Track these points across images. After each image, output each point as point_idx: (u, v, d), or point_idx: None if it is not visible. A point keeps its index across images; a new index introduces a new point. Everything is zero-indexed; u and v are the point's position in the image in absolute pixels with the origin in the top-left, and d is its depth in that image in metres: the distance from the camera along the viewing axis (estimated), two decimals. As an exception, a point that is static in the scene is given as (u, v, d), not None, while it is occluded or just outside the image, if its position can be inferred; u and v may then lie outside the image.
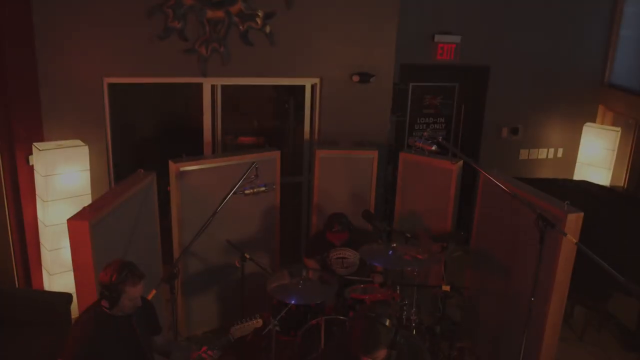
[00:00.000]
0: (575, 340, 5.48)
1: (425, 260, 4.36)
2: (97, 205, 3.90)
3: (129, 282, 2.97)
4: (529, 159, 7.42)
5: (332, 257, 4.99)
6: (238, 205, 5.10)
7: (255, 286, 5.06)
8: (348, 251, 4.97)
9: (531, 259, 4.24)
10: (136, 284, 3.00)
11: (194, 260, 5.11)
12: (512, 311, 4.64)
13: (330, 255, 5.00)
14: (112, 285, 2.95)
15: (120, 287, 2.95)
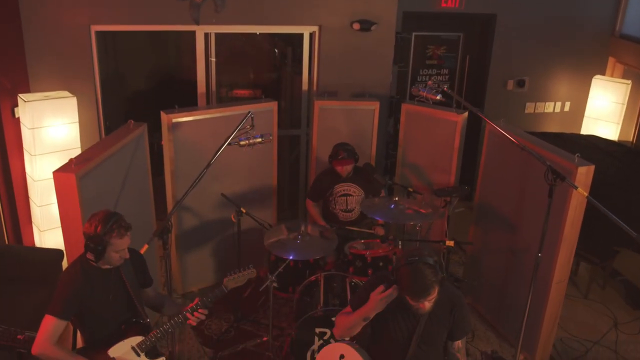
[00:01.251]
0: (579, 297, 5.36)
1: (428, 215, 4.19)
2: (85, 157, 3.70)
3: (115, 233, 2.81)
4: (534, 113, 7.20)
5: (337, 194, 4.82)
6: (234, 158, 4.94)
7: (252, 242, 4.94)
8: (353, 187, 4.80)
9: (538, 214, 4.11)
10: (123, 236, 2.84)
11: (189, 216, 4.95)
12: (517, 267, 4.51)
13: (335, 191, 4.83)
14: (97, 237, 2.78)
15: (106, 239, 2.79)
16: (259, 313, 4.92)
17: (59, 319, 2.81)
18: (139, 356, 2.99)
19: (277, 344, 4.42)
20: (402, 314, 2.68)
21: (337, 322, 2.90)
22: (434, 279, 2.49)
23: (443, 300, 2.67)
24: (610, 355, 4.59)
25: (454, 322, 2.73)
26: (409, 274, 2.49)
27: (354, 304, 2.82)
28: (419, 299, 2.49)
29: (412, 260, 2.51)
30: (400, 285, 2.52)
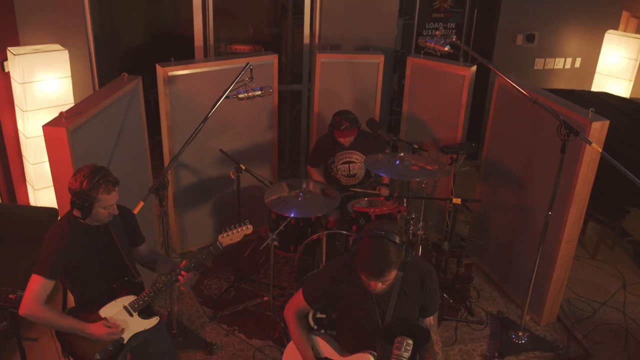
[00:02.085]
0: (587, 258, 5.25)
1: (435, 171, 4.03)
2: (76, 110, 3.53)
3: (102, 189, 2.65)
4: (544, 69, 6.96)
5: (339, 162, 4.65)
6: (233, 113, 4.77)
7: (252, 200, 4.81)
8: (355, 154, 4.63)
9: (549, 171, 3.99)
10: (110, 192, 2.68)
11: (187, 173, 4.81)
12: (525, 226, 4.38)
13: (336, 159, 4.66)
14: (83, 193, 2.63)
15: (93, 194, 2.64)
16: (260, 273, 4.82)
17: (47, 278, 2.68)
18: (131, 316, 2.89)
19: (278, 304, 4.33)
20: (369, 296, 2.46)
21: (286, 316, 2.70)
22: (394, 260, 2.26)
23: (413, 277, 2.49)
24: (618, 316, 4.50)
25: (425, 298, 2.53)
26: (369, 247, 2.26)
27: (308, 293, 2.60)
28: (372, 277, 2.27)
29: (378, 234, 2.28)
30: (357, 258, 2.29)
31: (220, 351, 4.02)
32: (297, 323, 2.63)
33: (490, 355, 4.04)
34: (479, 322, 4.36)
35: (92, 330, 2.76)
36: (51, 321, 2.71)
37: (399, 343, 2.22)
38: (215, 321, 4.28)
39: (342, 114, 4.49)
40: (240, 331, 4.19)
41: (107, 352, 2.85)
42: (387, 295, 2.46)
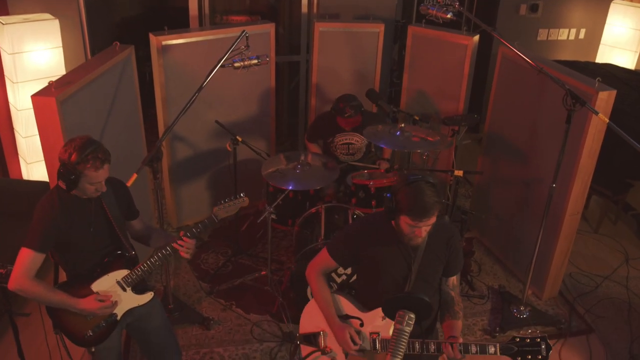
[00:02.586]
0: (590, 232, 5.18)
1: (436, 143, 3.92)
2: (66, 80, 3.42)
3: (90, 164, 2.53)
4: (548, 40, 6.81)
5: (338, 142, 4.55)
6: (229, 84, 4.66)
7: (249, 172, 4.72)
8: (356, 136, 4.53)
9: (553, 143, 3.91)
10: (98, 169, 2.56)
11: (182, 146, 4.71)
12: (527, 199, 4.30)
13: (336, 139, 4.55)
14: (69, 166, 2.52)
15: (80, 169, 2.52)
16: (257, 247, 4.75)
17: (36, 251, 2.58)
18: (124, 291, 2.80)
19: (276, 278, 4.26)
20: (396, 252, 2.46)
21: (308, 275, 2.67)
22: (436, 199, 2.27)
23: (438, 234, 2.47)
24: (620, 291, 4.45)
25: (449, 257, 2.54)
26: (411, 192, 2.27)
27: (333, 249, 2.59)
28: (420, 219, 2.25)
29: (415, 179, 2.30)
30: (401, 205, 2.28)
31: (217, 326, 3.97)
32: (320, 281, 2.62)
33: (491, 330, 3.99)
34: (480, 296, 4.31)
35: (83, 305, 2.68)
36: (41, 296, 2.62)
37: (401, 317, 2.15)
38: (212, 296, 4.22)
39: (347, 101, 4.35)
40: (237, 306, 4.14)
41: (100, 329, 2.77)
42: (413, 251, 2.44)
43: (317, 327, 2.63)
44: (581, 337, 3.97)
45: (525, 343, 2.22)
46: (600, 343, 3.93)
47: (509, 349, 2.23)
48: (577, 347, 3.89)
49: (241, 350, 3.78)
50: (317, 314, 2.62)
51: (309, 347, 2.66)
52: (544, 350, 2.21)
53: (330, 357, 2.60)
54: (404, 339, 2.11)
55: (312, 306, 2.67)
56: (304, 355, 2.67)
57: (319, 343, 2.61)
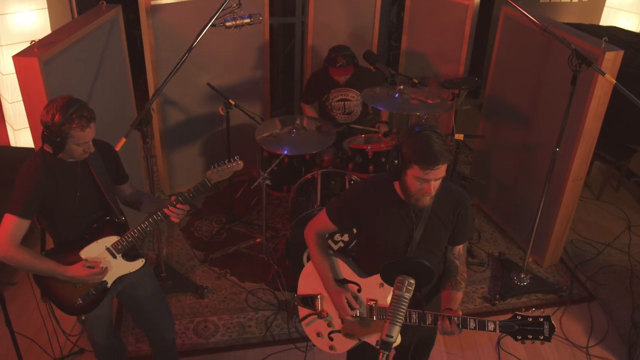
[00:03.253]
0: (592, 198, 5.09)
1: (436, 105, 3.79)
2: (49, 40, 3.27)
3: (76, 124, 2.40)
4: (550, 2, 6.63)
5: (334, 100, 4.41)
6: (221, 46, 4.52)
7: (242, 138, 4.60)
8: (351, 92, 4.38)
9: (557, 106, 3.80)
10: (85, 128, 2.43)
11: (174, 111, 4.58)
12: (529, 164, 4.20)
13: (331, 96, 4.41)
14: (54, 127, 2.39)
15: (65, 129, 2.39)
16: (252, 214, 4.66)
17: (20, 217, 2.47)
18: (115, 258, 2.69)
19: (271, 246, 4.18)
20: (398, 217, 2.31)
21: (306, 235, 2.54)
22: (445, 147, 2.12)
23: (445, 200, 2.30)
24: (622, 258, 4.37)
25: (456, 224, 2.36)
26: (419, 141, 2.11)
27: (332, 211, 2.45)
28: (430, 166, 2.08)
29: (421, 128, 2.15)
30: (407, 158, 2.12)
31: (211, 294, 3.89)
32: (318, 243, 2.51)
33: (491, 297, 3.93)
34: (480, 263, 4.23)
35: (72, 273, 2.58)
36: (28, 264, 2.52)
37: (400, 283, 2.02)
38: (206, 264, 4.14)
39: (339, 50, 4.21)
40: (232, 274, 4.06)
41: (90, 297, 2.68)
42: (416, 215, 2.30)
43: (315, 289, 2.54)
44: (582, 305, 3.91)
45: (527, 322, 2.07)
46: (601, 311, 3.87)
47: (509, 326, 2.09)
48: (578, 315, 3.83)
49: (236, 319, 3.71)
50: (315, 276, 2.53)
51: (306, 309, 2.58)
52: (547, 331, 2.06)
53: (326, 321, 2.53)
54: (404, 305, 2.00)
55: (311, 267, 2.57)
56: (301, 317, 2.59)
57: (315, 306, 2.53)
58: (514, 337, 2.10)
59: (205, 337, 3.58)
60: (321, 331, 2.56)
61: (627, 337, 3.64)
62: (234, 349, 3.51)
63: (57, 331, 3.25)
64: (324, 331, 2.55)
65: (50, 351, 3.31)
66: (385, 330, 1.96)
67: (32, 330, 3.49)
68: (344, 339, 2.49)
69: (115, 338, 3.02)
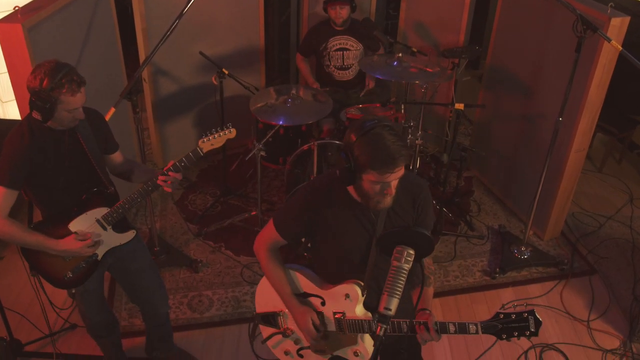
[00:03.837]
0: (594, 171, 5.00)
1: (435, 74, 3.68)
2: (33, 6, 3.14)
3: (66, 89, 2.30)
4: (552, -29, 6.46)
5: (332, 49, 4.30)
6: (214, 15, 4.39)
7: (237, 109, 4.49)
8: (350, 40, 4.27)
9: (560, 74, 3.70)
10: (75, 92, 2.34)
11: (166, 81, 4.46)
12: (531, 135, 4.11)
13: (329, 45, 4.29)
14: (43, 93, 2.28)
15: (55, 94, 2.29)
16: (247, 187, 4.57)
17: (7, 188, 2.38)
18: (105, 230, 2.61)
19: (266, 219, 4.06)
20: (354, 219, 2.11)
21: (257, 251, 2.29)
22: (401, 143, 1.91)
23: (403, 191, 2.10)
24: (624, 231, 4.31)
25: (417, 218, 2.17)
26: (371, 142, 1.87)
27: (279, 222, 2.20)
28: (389, 170, 1.88)
29: (370, 125, 1.90)
30: (361, 162, 1.90)
31: (205, 268, 3.83)
32: (270, 257, 2.26)
33: (491, 271, 3.86)
34: (479, 236, 4.16)
35: (63, 246, 2.50)
36: (16, 236, 2.44)
37: (399, 254, 1.92)
38: (201, 238, 4.07)
39: None
40: (227, 248, 3.99)
41: (80, 270, 2.61)
42: (374, 215, 2.10)
43: (275, 306, 2.33)
44: (583, 278, 3.85)
45: (511, 319, 1.93)
46: (603, 284, 3.81)
47: (491, 327, 1.94)
48: (580, 288, 3.77)
49: (231, 293, 3.65)
50: (272, 292, 2.30)
51: (269, 328, 2.39)
52: (533, 326, 1.91)
53: (292, 339, 2.34)
54: (402, 277, 1.90)
55: (266, 283, 2.34)
56: (265, 337, 2.41)
57: (278, 324, 2.35)
58: (499, 337, 1.94)
59: (199, 312, 3.52)
60: (289, 349, 2.37)
61: (628, 311, 3.59)
62: (229, 324, 3.45)
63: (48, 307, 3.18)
64: (292, 349, 2.36)
65: (41, 327, 3.24)
66: (383, 303, 1.87)
67: (23, 306, 3.42)
68: (315, 356, 2.32)
69: (107, 313, 2.96)
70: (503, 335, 1.93)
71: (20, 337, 3.20)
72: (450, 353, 3.32)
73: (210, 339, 3.37)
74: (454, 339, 3.40)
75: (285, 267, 2.27)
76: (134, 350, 3.28)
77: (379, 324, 1.84)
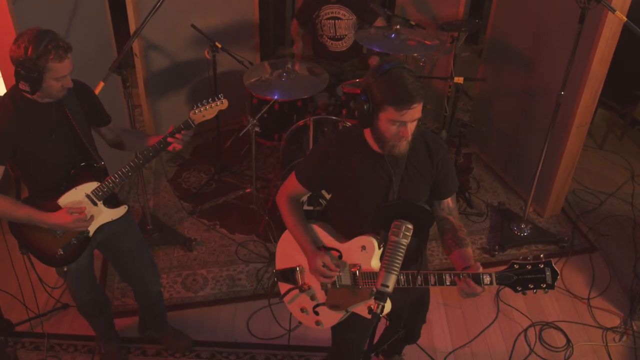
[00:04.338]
0: (594, 147, 4.93)
1: (434, 46, 3.58)
2: (19, -26, 3.02)
3: (53, 55, 2.20)
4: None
5: (324, 17, 4.18)
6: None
7: (231, 84, 4.38)
8: (343, 9, 4.15)
9: (562, 47, 3.61)
10: (62, 59, 2.24)
11: (158, 56, 4.35)
12: (531, 111, 4.03)
13: (322, 13, 4.18)
14: (29, 62, 2.18)
15: (42, 62, 2.19)
16: (242, 164, 4.49)
17: None
18: (95, 205, 2.53)
19: (261, 197, 4.02)
20: (373, 169, 2.12)
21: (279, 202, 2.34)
22: (418, 84, 1.91)
23: (420, 146, 2.11)
24: (626, 208, 4.25)
25: (437, 175, 2.17)
26: (390, 80, 1.91)
27: (300, 173, 2.26)
28: (406, 106, 1.88)
29: (390, 66, 1.94)
30: (379, 100, 1.92)
31: (200, 247, 3.76)
32: (292, 209, 2.30)
33: (490, 248, 3.81)
34: (479, 214, 4.10)
35: (55, 220, 2.41)
36: (5, 210, 2.35)
37: (397, 228, 1.85)
38: (195, 216, 4.00)
39: None
40: (221, 226, 3.92)
41: (71, 247, 2.53)
42: (392, 165, 2.10)
43: (294, 261, 2.35)
44: (584, 255, 3.80)
45: (526, 270, 1.87)
46: (603, 262, 3.76)
47: (506, 277, 1.89)
48: (580, 266, 3.72)
49: (225, 272, 3.58)
50: (291, 248, 2.33)
51: (286, 284, 2.39)
52: (549, 278, 1.85)
53: (309, 294, 2.33)
54: (400, 252, 1.83)
55: (286, 239, 2.38)
56: (282, 294, 2.41)
57: (296, 279, 2.34)
58: (514, 289, 1.89)
59: (193, 291, 3.46)
60: (305, 306, 2.37)
61: (629, 289, 3.54)
62: (224, 303, 3.39)
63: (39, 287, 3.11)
64: (308, 306, 2.36)
65: (32, 307, 3.17)
66: (380, 279, 1.80)
67: (14, 286, 3.35)
68: (330, 312, 2.30)
69: (98, 292, 2.88)
70: (518, 287, 1.89)
71: (10, 318, 3.14)
72: (448, 332, 3.27)
73: (204, 318, 3.32)
74: (453, 318, 3.36)
75: (304, 218, 2.31)
76: (127, 329, 3.22)
77: (376, 301, 1.78)
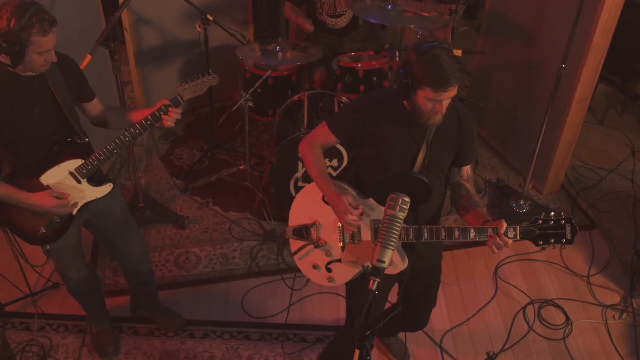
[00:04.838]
0: (595, 123, 4.85)
1: (432, 19, 3.47)
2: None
3: (37, 29, 2.10)
4: None
5: None
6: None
7: (224, 60, 4.29)
8: None
9: (563, 19, 3.51)
10: (47, 33, 2.14)
11: (149, 31, 4.25)
12: (531, 85, 3.95)
13: None
14: (11, 34, 2.08)
15: (25, 36, 2.09)
16: (236, 141, 4.41)
17: None
18: (79, 183, 2.44)
19: (256, 174, 3.95)
20: (405, 133, 2.15)
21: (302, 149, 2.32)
22: (457, 66, 1.96)
23: (451, 115, 2.13)
24: (626, 184, 4.18)
25: (462, 143, 2.20)
26: (428, 61, 1.96)
27: (334, 123, 2.26)
28: (443, 89, 1.94)
29: (430, 46, 1.98)
30: (418, 79, 1.97)
31: (193, 225, 3.69)
32: (315, 153, 2.28)
33: (488, 226, 3.74)
34: (477, 190, 4.03)
35: (35, 201, 2.33)
36: None
37: (393, 201, 1.80)
38: (188, 193, 3.94)
39: None
40: (215, 203, 3.85)
41: (55, 226, 2.45)
42: (423, 132, 2.13)
43: (311, 217, 2.31)
44: (584, 232, 3.74)
45: (549, 226, 1.94)
46: (603, 239, 3.71)
47: (530, 232, 1.95)
48: (580, 243, 3.66)
49: (219, 250, 3.52)
50: (309, 205, 2.31)
51: (300, 241, 2.35)
52: (569, 234, 1.95)
53: (324, 250, 2.29)
54: (397, 226, 1.78)
55: (304, 196, 2.35)
56: (294, 251, 2.37)
57: (311, 236, 2.30)
58: (536, 243, 1.97)
59: (186, 270, 3.40)
60: (318, 263, 2.33)
61: (629, 266, 3.49)
62: (218, 281, 3.34)
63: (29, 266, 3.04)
64: (322, 262, 2.32)
65: (22, 287, 3.11)
66: (376, 255, 1.74)
67: (3, 266, 3.29)
68: (345, 269, 2.27)
69: (87, 271, 2.81)
70: (540, 242, 1.97)
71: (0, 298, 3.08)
72: (446, 310, 3.23)
73: (198, 298, 3.26)
74: (451, 297, 3.31)
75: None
76: (119, 309, 3.17)
77: (372, 277, 1.71)
